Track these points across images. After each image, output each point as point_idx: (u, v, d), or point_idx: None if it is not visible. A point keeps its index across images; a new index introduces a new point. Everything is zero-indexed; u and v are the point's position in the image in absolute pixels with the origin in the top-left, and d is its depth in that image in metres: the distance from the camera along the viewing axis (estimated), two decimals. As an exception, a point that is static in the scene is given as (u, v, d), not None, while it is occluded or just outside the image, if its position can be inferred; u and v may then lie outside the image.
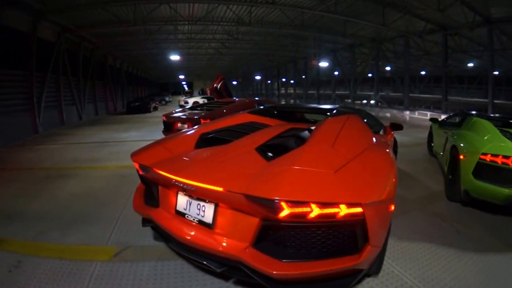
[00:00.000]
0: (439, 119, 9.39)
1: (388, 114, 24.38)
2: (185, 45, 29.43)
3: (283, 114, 5.89)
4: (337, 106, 7.00)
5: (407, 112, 22.82)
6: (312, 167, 2.83)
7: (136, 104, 29.75)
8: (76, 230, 4.69)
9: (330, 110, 5.58)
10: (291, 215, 2.40)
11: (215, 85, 16.10)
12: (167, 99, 48.05)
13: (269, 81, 56.75)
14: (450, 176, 5.90)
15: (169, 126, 9.67)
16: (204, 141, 4.10)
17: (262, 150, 3.41)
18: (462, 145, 5.52)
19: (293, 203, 2.38)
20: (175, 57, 28.61)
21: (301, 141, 3.57)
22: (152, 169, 3.27)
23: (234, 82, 64.42)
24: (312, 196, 2.43)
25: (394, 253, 3.84)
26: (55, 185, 7.05)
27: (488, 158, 4.66)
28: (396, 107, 26.91)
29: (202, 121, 8.51)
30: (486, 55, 23.19)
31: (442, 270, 3.53)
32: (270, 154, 3.29)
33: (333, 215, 2.40)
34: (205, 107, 10.87)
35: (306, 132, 3.92)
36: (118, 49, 29.05)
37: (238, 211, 2.75)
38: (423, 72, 43.79)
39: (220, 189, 2.63)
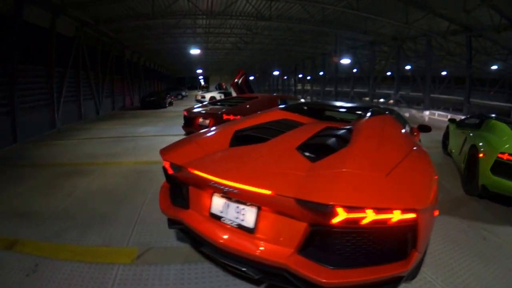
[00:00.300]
0: (457, 120, 9.70)
1: (407, 114, 23.47)
2: (203, 39, 29.23)
3: (314, 112, 5.69)
4: (370, 105, 6.86)
5: (427, 113, 22.08)
6: (363, 170, 2.74)
7: (151, 99, 28.71)
8: (94, 230, 4.59)
9: (364, 109, 5.41)
10: (345, 221, 2.32)
11: (236, 80, 15.84)
12: (183, 93, 48.11)
13: (285, 77, 56.53)
14: (467, 172, 6.48)
15: (190, 121, 9.57)
16: (239, 139, 3.94)
17: (303, 150, 3.29)
18: (481, 144, 5.99)
19: (349, 209, 2.29)
20: (195, 51, 28.18)
21: (343, 141, 3.46)
22: (187, 169, 3.12)
23: (251, 77, 63.38)
24: (368, 201, 2.35)
25: (425, 259, 3.67)
26: (71, 182, 7.01)
27: (505, 156, 5.21)
28: (415, 107, 26.36)
29: (225, 116, 8.45)
30: (510, 58, 22.61)
31: (472, 277, 3.42)
32: (312, 154, 3.18)
33: (386, 220, 2.32)
34: (226, 102, 10.71)
35: (345, 132, 3.80)
36: (136, 43, 29.01)
37: (284, 215, 2.64)
38: (444, 73, 42.93)
39: (268, 192, 2.52)
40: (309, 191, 2.43)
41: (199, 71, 56.31)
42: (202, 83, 68.02)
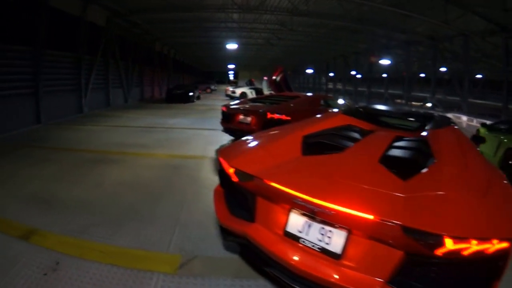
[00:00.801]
0: (488, 124, 9.94)
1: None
2: (235, 34, 28.55)
3: (373, 118, 5.11)
4: (425, 112, 6.47)
5: (465, 119, 20.30)
6: (461, 191, 2.48)
7: (178, 92, 26.53)
8: (127, 229, 4.02)
9: (426, 116, 5.00)
10: (448, 252, 2.07)
11: (274, 77, 15.14)
12: (212, 87, 47.54)
13: (315, 75, 55.72)
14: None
15: (229, 117, 8.99)
16: (310, 146, 3.46)
17: (386, 163, 2.90)
18: None
19: (456, 239, 2.04)
20: (232, 46, 27.52)
21: (424, 155, 3.16)
22: (262, 179, 2.69)
23: (265, 77, 62.96)
24: (473, 230, 2.12)
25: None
26: (99, 170, 6.53)
27: None
28: (452, 112, 25.23)
29: (269, 115, 7.94)
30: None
31: None
32: (397, 169, 2.78)
33: (484, 250, 2.07)
34: (267, 100, 10.07)
35: (421, 144, 3.50)
36: (167, 35, 28.85)
37: (378, 241, 2.31)
38: (479, 76, 41.23)
39: (370, 217, 2.20)
40: (416, 218, 2.17)
41: (231, 66, 55.90)
42: (231, 78, 67.74)
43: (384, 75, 37.60)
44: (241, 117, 8.69)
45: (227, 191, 3.30)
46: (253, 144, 3.61)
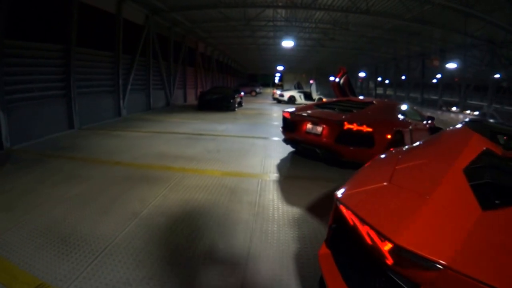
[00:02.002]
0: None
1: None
2: (283, 34, 26.20)
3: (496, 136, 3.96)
4: None
5: None
6: None
7: (214, 97, 21.18)
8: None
9: None
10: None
11: (337, 79, 13.58)
12: (257, 90, 46.39)
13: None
14: None
15: (294, 125, 7.82)
16: (482, 190, 2.18)
17: None
18: None
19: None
20: (287, 43, 24.06)
21: None
22: (462, 275, 1.59)
23: (332, 78, 61.31)
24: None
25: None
26: (135, 192, 5.27)
27: None
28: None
29: (347, 125, 6.71)
30: None
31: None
32: None
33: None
34: (335, 105, 8.54)
35: None
36: (210, 35, 27.48)
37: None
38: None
39: None
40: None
41: (278, 68, 54.67)
42: (277, 81, 66.62)
43: (434, 80, 36.14)
44: (309, 126, 7.41)
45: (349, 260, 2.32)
46: (401, 194, 2.33)
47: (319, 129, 7.19)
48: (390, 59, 38.24)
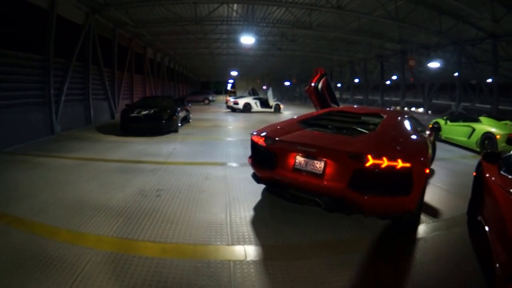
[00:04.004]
0: (445, 118, 13.72)
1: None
2: (237, 37, 25.07)
3: None
4: None
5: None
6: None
7: (144, 113, 13.44)
8: None
9: None
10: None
11: (313, 83, 11.25)
12: (210, 98, 43.86)
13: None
14: (487, 147, 10.54)
15: (272, 158, 4.92)
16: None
17: None
18: (495, 131, 10.46)
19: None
20: (247, 40, 20.15)
21: None
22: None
23: (287, 83, 60.53)
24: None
25: None
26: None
27: (511, 136, 10.00)
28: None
29: (371, 159, 3.97)
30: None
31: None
32: None
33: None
34: (328, 121, 6.05)
35: None
36: (159, 39, 24.77)
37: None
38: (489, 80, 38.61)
39: None
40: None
41: (230, 75, 52.98)
42: (229, 87, 65.07)
43: (388, 81, 36.21)
44: (300, 160, 4.63)
45: None
46: None
47: (319, 165, 4.42)
48: (346, 62, 37.69)
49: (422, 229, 4.63)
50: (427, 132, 6.81)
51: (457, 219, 5.05)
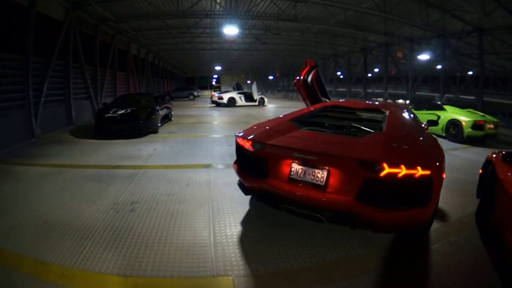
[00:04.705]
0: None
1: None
2: (219, 39, 26.76)
3: None
4: None
5: None
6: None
7: (120, 113, 12.66)
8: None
9: None
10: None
11: (302, 76, 10.27)
12: (195, 93, 43.20)
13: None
14: (448, 134, 12.08)
15: (262, 165, 4.27)
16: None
17: None
18: (461, 118, 11.64)
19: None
20: (231, 30, 19.11)
21: None
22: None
23: (271, 77, 60.37)
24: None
25: None
26: None
27: (477, 122, 11.31)
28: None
29: (387, 168, 3.36)
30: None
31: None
32: None
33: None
34: (323, 119, 5.53)
35: None
36: (142, 34, 24.00)
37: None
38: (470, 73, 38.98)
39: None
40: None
41: (214, 70, 52.52)
42: (214, 82, 64.52)
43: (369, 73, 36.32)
44: (297, 168, 4.00)
45: None
46: None
47: (321, 174, 3.81)
48: (330, 55, 37.35)
49: (430, 237, 4.25)
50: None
51: (464, 221, 4.74)
